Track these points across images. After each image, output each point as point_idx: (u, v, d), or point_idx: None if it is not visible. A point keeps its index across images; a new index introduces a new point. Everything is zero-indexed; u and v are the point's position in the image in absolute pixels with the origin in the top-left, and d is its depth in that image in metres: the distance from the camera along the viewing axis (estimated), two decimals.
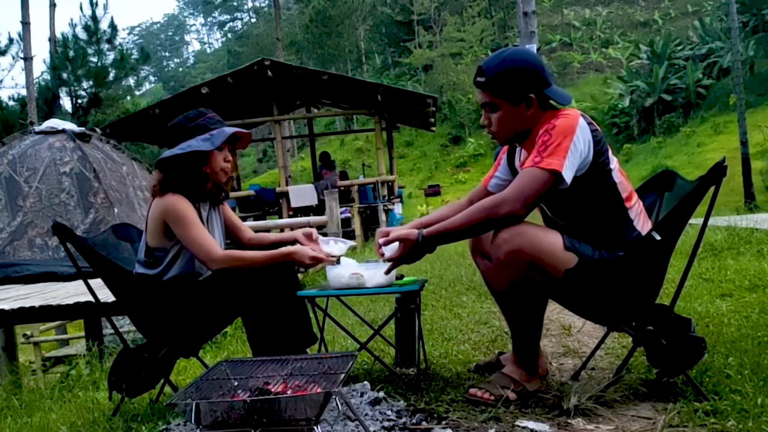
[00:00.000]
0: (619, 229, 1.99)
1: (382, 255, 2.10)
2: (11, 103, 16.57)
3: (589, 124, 1.96)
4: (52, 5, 18.40)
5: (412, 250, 1.99)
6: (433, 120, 15.06)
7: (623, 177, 2.03)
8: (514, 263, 1.96)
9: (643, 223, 2.03)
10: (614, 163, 2.00)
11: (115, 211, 6.92)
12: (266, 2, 68.97)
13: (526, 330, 2.08)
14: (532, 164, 1.89)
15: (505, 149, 2.28)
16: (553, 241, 1.95)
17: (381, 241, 2.06)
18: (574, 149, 1.88)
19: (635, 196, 2.05)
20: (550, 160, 1.86)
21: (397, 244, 2.03)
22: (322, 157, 14.23)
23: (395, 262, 2.05)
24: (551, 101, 2.04)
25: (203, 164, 2.34)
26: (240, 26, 74.05)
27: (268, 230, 13.10)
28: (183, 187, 2.32)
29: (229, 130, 2.37)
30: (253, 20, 70.18)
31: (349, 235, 10.92)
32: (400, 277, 2.40)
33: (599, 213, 1.99)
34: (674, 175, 2.21)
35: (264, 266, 2.28)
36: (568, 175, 1.87)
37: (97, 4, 17.25)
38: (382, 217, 12.18)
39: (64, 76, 16.75)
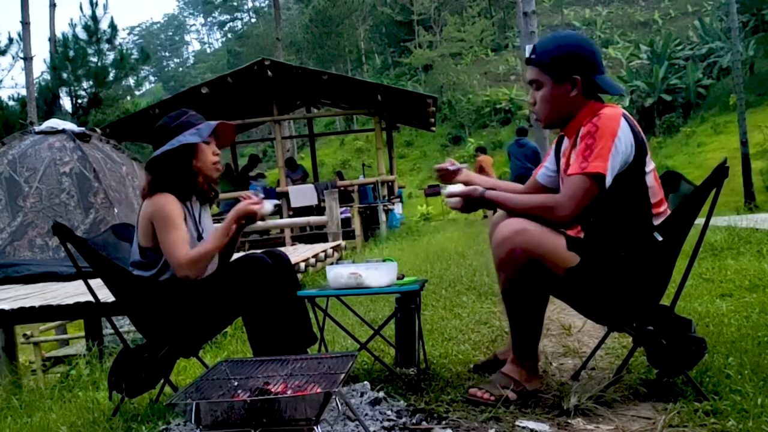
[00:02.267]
0: (640, 232, 1.98)
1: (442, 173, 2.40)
2: (11, 103, 16.55)
3: (631, 125, 1.98)
4: (52, 5, 18.40)
5: (471, 201, 2.11)
6: (433, 120, 15.05)
7: (656, 183, 2.03)
8: (515, 261, 1.97)
9: None
10: (650, 166, 2.01)
11: (115, 211, 6.92)
12: (266, 2, 68.97)
13: (527, 329, 2.08)
14: (579, 170, 1.92)
15: (555, 140, 2.30)
16: (555, 240, 1.96)
17: (444, 191, 2.19)
18: (615, 152, 1.91)
19: (665, 205, 2.05)
20: (596, 163, 1.90)
21: (459, 198, 2.13)
22: (287, 162, 14.04)
23: (458, 210, 2.17)
24: (599, 93, 2.06)
25: (192, 158, 2.36)
26: (240, 26, 73.99)
27: (268, 230, 13.13)
28: (173, 185, 2.33)
29: (215, 122, 2.41)
30: (253, 20, 70.15)
31: (348, 235, 10.91)
32: (400, 277, 2.41)
33: (625, 213, 1.98)
34: (679, 176, 2.20)
35: (265, 267, 2.28)
36: (609, 177, 1.91)
37: (97, 4, 17.23)
38: (382, 217, 12.16)
39: (64, 76, 16.73)
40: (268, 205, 2.37)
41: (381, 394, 2.13)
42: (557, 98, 2.06)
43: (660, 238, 1.89)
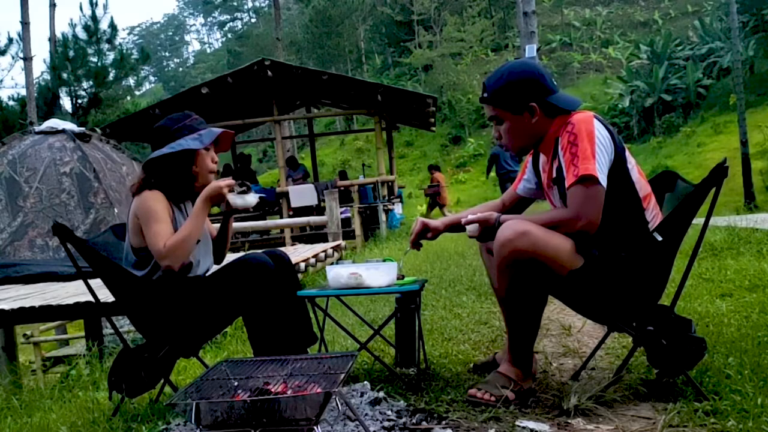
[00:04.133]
0: (634, 228, 2.00)
1: (413, 243, 2.36)
2: (11, 103, 16.56)
3: (604, 124, 2.01)
4: (52, 5, 18.40)
5: (489, 229, 2.12)
6: (433, 120, 15.06)
7: (641, 177, 2.05)
8: (516, 263, 1.97)
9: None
10: (631, 162, 2.04)
11: (115, 211, 6.92)
12: (266, 2, 68.95)
13: (524, 329, 2.09)
14: (573, 179, 1.93)
15: (529, 154, 2.32)
16: (559, 242, 1.96)
17: (463, 221, 2.19)
18: (600, 151, 1.94)
19: (653, 200, 2.07)
20: (585, 165, 1.92)
21: (477, 224, 2.14)
22: (289, 161, 14.26)
23: (477, 239, 2.21)
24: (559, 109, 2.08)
25: (192, 163, 2.35)
26: (240, 26, 73.95)
27: (268, 230, 13.13)
28: (169, 187, 2.33)
29: (217, 130, 2.40)
30: (253, 20, 70.14)
31: (348, 235, 10.91)
32: (400, 277, 2.41)
33: (615, 210, 1.99)
34: (675, 176, 2.21)
35: (265, 267, 2.28)
36: (603, 175, 1.93)
37: (97, 4, 17.24)
38: (382, 217, 12.16)
39: (64, 76, 16.74)
40: (252, 198, 2.37)
41: (381, 394, 2.13)
42: (521, 128, 2.11)
43: (660, 238, 1.89)
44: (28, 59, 14.43)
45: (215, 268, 2.49)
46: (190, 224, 2.27)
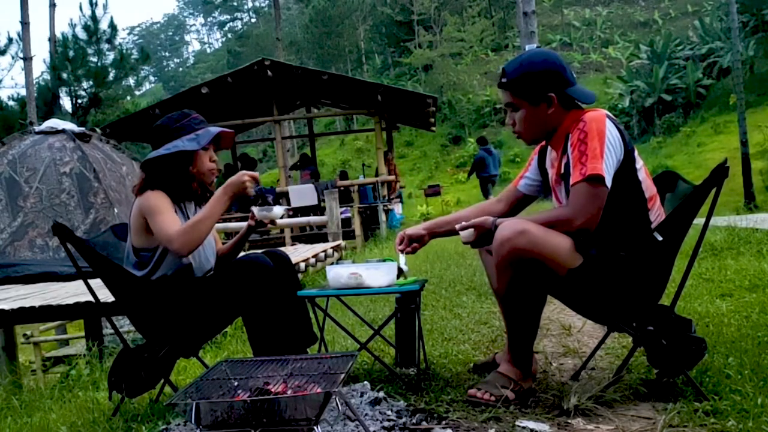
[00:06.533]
0: (636, 229, 1.99)
1: (401, 251, 2.30)
2: (11, 103, 16.58)
3: (615, 124, 2.00)
4: (52, 5, 18.39)
5: (484, 234, 2.07)
6: (433, 120, 15.06)
7: (648, 178, 2.05)
8: (515, 263, 1.97)
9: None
10: (639, 162, 2.03)
11: (115, 211, 6.92)
12: (266, 2, 68.96)
13: (523, 329, 2.09)
14: (580, 177, 1.93)
15: (536, 150, 2.31)
16: (558, 241, 1.96)
17: (458, 226, 2.13)
18: (608, 152, 1.93)
19: (658, 200, 2.07)
20: (593, 165, 1.91)
21: (472, 229, 2.09)
22: (302, 157, 14.57)
23: (471, 245, 2.14)
24: (576, 100, 2.08)
25: (189, 164, 2.35)
26: (240, 26, 73.95)
27: (268, 230, 13.14)
28: (168, 187, 2.33)
29: (215, 129, 2.38)
30: (253, 20, 70.14)
31: (348, 235, 10.91)
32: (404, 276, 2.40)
33: (620, 210, 1.99)
34: (676, 176, 2.21)
35: (265, 268, 2.28)
36: (609, 176, 1.93)
37: (96, 4, 17.24)
38: (382, 217, 12.16)
39: (64, 76, 16.74)
40: (278, 210, 2.39)
41: (381, 394, 2.13)
42: (537, 118, 2.08)
43: (660, 238, 1.89)
44: (28, 59, 14.41)
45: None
46: (207, 211, 2.24)
